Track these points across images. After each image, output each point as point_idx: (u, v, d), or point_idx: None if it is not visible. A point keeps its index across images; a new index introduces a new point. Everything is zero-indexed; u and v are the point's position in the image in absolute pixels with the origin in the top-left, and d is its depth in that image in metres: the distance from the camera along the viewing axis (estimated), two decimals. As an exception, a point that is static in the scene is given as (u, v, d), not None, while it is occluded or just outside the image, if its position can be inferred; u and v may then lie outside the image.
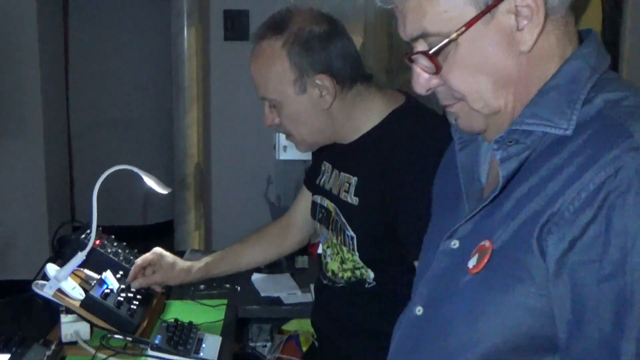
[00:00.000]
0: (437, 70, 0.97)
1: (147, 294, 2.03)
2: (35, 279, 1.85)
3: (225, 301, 2.22)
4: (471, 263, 0.96)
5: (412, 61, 1.00)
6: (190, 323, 1.92)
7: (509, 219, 0.93)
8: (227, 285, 2.34)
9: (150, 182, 1.91)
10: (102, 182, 1.78)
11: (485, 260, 0.94)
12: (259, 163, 4.58)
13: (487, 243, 0.95)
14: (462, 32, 0.92)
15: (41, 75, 4.79)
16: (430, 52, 0.95)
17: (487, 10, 0.91)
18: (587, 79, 0.94)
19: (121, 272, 2.03)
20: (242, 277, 2.38)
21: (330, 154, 1.73)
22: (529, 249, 0.88)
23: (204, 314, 2.12)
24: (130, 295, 1.95)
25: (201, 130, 4.50)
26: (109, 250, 2.09)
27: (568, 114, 0.91)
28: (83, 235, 2.02)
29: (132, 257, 2.10)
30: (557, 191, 0.86)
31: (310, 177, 1.86)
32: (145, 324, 1.93)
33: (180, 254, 2.19)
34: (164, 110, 4.93)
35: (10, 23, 4.63)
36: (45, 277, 1.84)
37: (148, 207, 5.52)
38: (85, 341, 1.82)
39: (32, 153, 4.84)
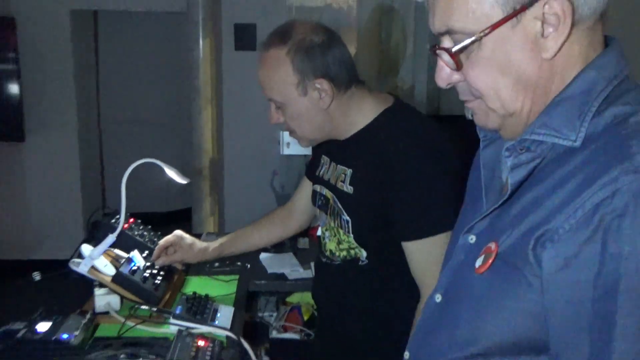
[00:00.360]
0: (458, 68, 0.88)
1: (169, 271, 2.04)
2: (72, 258, 1.86)
3: (237, 277, 2.23)
4: (478, 262, 0.90)
5: (436, 54, 0.91)
6: (207, 296, 1.93)
7: (513, 225, 0.85)
8: (239, 263, 2.35)
9: (171, 173, 1.91)
10: (129, 173, 1.78)
11: (490, 262, 0.87)
12: (265, 157, 4.58)
13: (492, 245, 0.88)
14: (487, 34, 0.83)
15: (75, 80, 4.80)
16: (453, 50, 0.86)
17: (514, 14, 0.81)
18: (600, 90, 0.83)
19: (146, 252, 2.03)
20: (252, 255, 2.38)
21: (329, 148, 1.73)
22: (526, 259, 0.81)
23: (219, 287, 2.13)
24: (155, 271, 1.96)
25: (215, 128, 4.51)
26: (136, 233, 2.10)
27: (577, 125, 0.82)
28: (113, 220, 2.03)
29: (155, 239, 2.11)
30: (557, 206, 0.79)
31: (311, 169, 1.86)
32: (167, 296, 1.94)
33: (198, 236, 2.19)
34: (182, 109, 4.92)
35: (48, 39, 4.65)
36: (80, 256, 1.84)
37: (169, 195, 5.52)
38: (116, 311, 1.83)
39: (67, 147, 4.85)
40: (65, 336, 1.62)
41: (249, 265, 2.37)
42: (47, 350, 1.59)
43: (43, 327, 1.65)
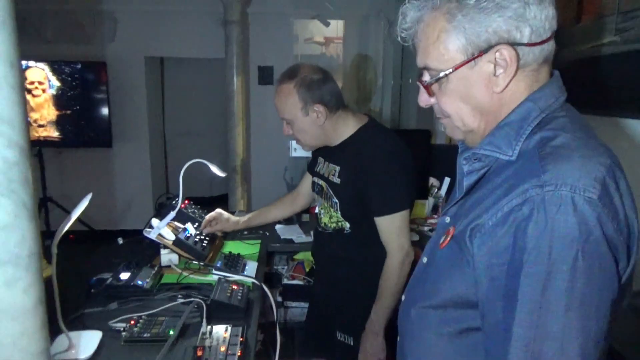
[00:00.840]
0: (430, 95, 0.85)
1: (212, 237, 2.02)
2: (144, 228, 1.84)
3: (260, 241, 2.21)
4: (441, 239, 0.87)
5: (418, 84, 0.88)
6: (239, 254, 1.92)
7: (464, 216, 0.82)
8: (261, 231, 2.33)
9: (214, 169, 1.90)
10: (185, 169, 1.77)
11: (447, 241, 0.85)
12: (279, 158, 4.57)
13: (451, 229, 0.85)
14: (452, 72, 0.80)
15: (147, 105, 4.79)
16: (425, 83, 0.84)
17: (473, 58, 0.78)
18: (534, 118, 0.79)
19: (197, 224, 2.01)
20: (270, 226, 2.38)
21: (324, 152, 1.72)
22: (465, 243, 0.79)
23: (247, 248, 2.11)
24: (202, 237, 1.94)
25: (244, 138, 4.50)
26: (189, 211, 2.08)
27: (513, 144, 0.79)
28: (174, 202, 2.01)
29: (203, 215, 2.09)
30: (488, 206, 0.76)
31: (311, 166, 1.85)
32: (211, 255, 1.92)
33: (232, 213, 2.17)
34: (222, 125, 4.89)
35: (129, 76, 4.64)
36: (151, 227, 1.83)
37: (212, 185, 5.51)
38: (175, 265, 1.82)
39: (142, 151, 4.84)
40: (140, 282, 1.61)
41: (267, 233, 2.36)
42: (127, 292, 1.58)
43: (124, 276, 1.64)
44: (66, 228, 1.18)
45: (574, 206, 0.67)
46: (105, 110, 4.39)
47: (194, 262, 1.81)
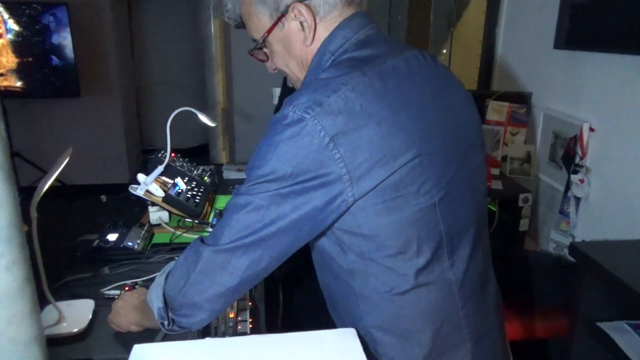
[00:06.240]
0: (266, 60, 1.00)
1: (204, 191, 1.88)
2: (129, 184, 1.69)
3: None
4: None
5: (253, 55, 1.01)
6: (235, 210, 1.79)
7: None
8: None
9: (203, 118, 1.76)
10: (167, 119, 1.60)
11: None
12: (262, 106, 4.41)
13: None
14: (267, 36, 0.93)
15: (116, 51, 4.50)
16: (250, 50, 0.98)
17: (278, 21, 0.90)
18: (326, 60, 0.90)
19: (187, 178, 1.86)
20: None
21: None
22: None
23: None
24: (195, 193, 1.80)
25: (225, 86, 4.32)
26: (177, 164, 1.92)
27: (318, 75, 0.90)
28: (160, 155, 1.85)
29: (193, 168, 1.94)
30: None
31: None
32: (205, 211, 1.79)
33: (219, 167, 2.03)
34: (200, 72, 4.68)
35: (94, 18, 4.32)
36: (136, 183, 1.67)
37: (191, 135, 5.32)
38: (166, 223, 1.69)
39: (112, 101, 4.58)
40: (130, 243, 1.48)
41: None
42: (117, 255, 1.44)
43: (112, 237, 1.50)
44: (47, 186, 1.03)
45: None
46: (70, 57, 4.07)
47: (187, 219, 1.68)
